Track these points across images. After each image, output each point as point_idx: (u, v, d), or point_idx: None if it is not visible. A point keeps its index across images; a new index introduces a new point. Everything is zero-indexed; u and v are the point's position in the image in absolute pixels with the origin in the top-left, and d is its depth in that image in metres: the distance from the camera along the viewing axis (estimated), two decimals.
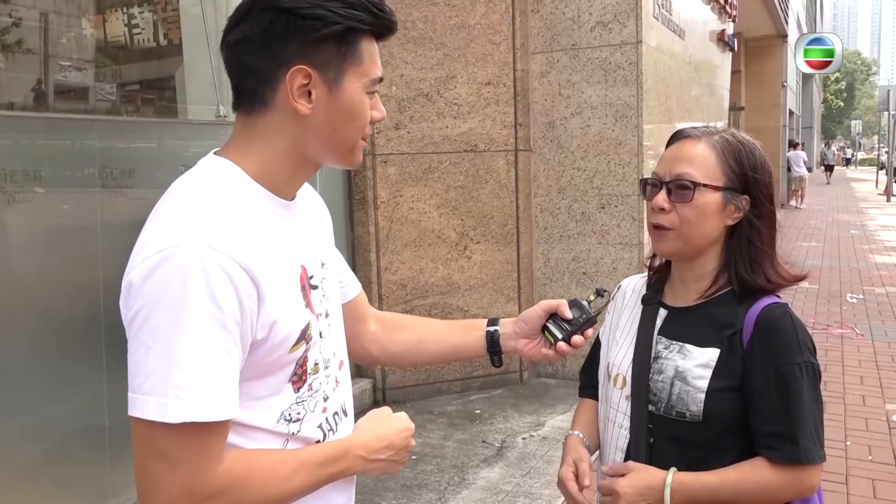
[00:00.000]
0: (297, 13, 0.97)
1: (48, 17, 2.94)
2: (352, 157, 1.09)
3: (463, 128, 4.60)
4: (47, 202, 2.66)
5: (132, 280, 0.92)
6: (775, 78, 18.59)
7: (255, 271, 0.95)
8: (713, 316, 1.33)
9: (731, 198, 1.31)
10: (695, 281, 1.37)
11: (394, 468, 1.17)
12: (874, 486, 3.43)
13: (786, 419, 1.24)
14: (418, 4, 4.47)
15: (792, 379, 1.25)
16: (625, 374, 1.39)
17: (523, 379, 4.88)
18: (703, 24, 6.98)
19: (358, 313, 1.36)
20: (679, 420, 1.29)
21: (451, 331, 1.44)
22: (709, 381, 1.27)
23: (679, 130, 1.40)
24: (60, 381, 2.68)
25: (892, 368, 5.26)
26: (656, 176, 1.35)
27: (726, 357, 1.28)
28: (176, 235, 0.92)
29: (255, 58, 1.00)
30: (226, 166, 1.03)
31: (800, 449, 1.23)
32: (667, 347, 1.34)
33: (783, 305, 1.31)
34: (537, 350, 1.40)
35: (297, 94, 1.00)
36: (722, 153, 1.32)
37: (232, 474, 0.95)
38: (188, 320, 0.89)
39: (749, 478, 1.25)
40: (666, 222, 1.32)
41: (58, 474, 2.69)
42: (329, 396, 1.11)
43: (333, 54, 1.00)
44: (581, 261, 4.86)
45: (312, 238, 1.15)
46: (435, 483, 3.41)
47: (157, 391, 0.89)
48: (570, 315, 1.36)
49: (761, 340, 1.27)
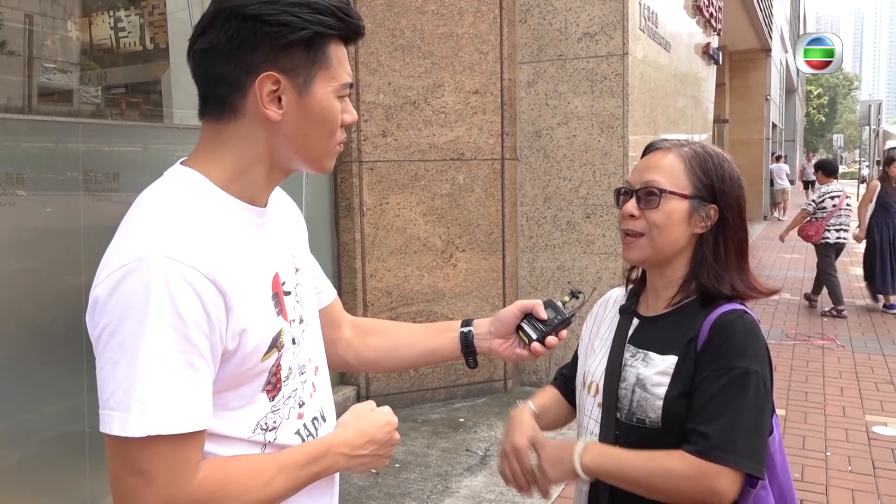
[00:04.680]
0: (263, 20, 0.97)
1: (33, 19, 2.92)
2: (323, 163, 1.08)
3: (450, 136, 4.61)
4: (30, 205, 2.64)
5: (97, 296, 0.92)
6: (759, 91, 18.81)
7: (222, 281, 0.94)
8: (676, 324, 1.34)
9: (698, 206, 1.34)
10: (664, 289, 1.39)
11: (379, 463, 1.16)
12: (854, 497, 3.46)
13: (706, 416, 1.23)
14: (406, 13, 4.49)
15: (729, 381, 1.24)
16: (598, 382, 1.40)
17: (508, 387, 4.88)
18: (689, 36, 7.05)
19: (332, 319, 1.36)
20: (640, 427, 1.30)
21: (426, 334, 1.44)
22: (667, 388, 1.29)
23: (651, 142, 1.44)
24: (40, 387, 2.65)
25: (872, 380, 5.32)
26: (628, 184, 1.39)
27: (682, 364, 1.29)
28: (138, 249, 0.91)
29: (223, 66, 1.00)
30: (191, 176, 1.02)
31: (710, 445, 1.21)
32: (633, 356, 1.36)
33: (739, 311, 1.31)
34: (511, 350, 1.40)
35: (267, 101, 1.00)
36: (689, 163, 1.36)
37: (209, 484, 0.95)
38: (151, 334, 0.89)
39: (658, 460, 1.24)
40: (636, 227, 1.35)
41: (37, 481, 2.65)
42: (305, 402, 1.11)
43: (302, 60, 1.00)
44: (566, 270, 4.87)
45: (285, 244, 1.15)
46: (418, 491, 3.40)
47: (122, 406, 0.89)
48: (545, 316, 1.37)
49: (710, 345, 1.28)
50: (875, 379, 5.34)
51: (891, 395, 4.97)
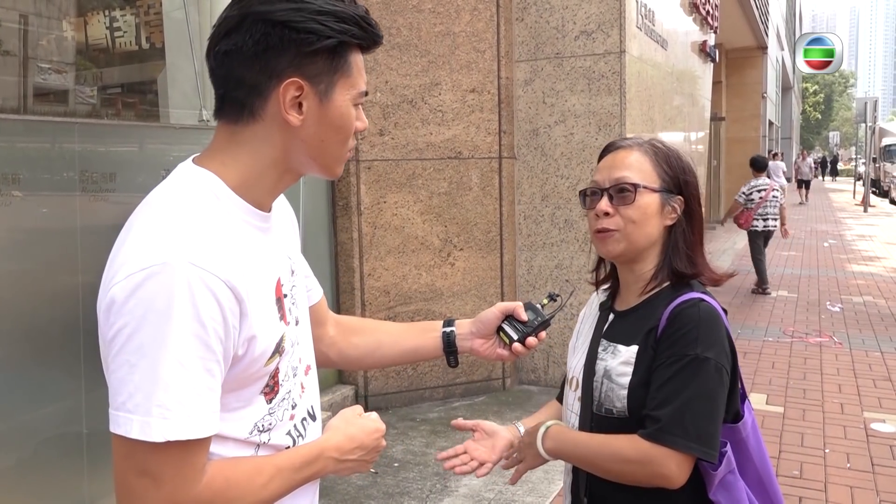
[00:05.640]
0: (291, 27, 0.98)
1: (28, 19, 2.91)
2: (335, 168, 1.10)
3: (447, 135, 4.61)
4: (26, 206, 2.62)
5: (115, 297, 0.91)
6: (755, 89, 18.84)
7: (239, 288, 0.95)
8: (642, 316, 1.38)
9: (667, 199, 1.40)
10: (635, 283, 1.43)
11: (363, 468, 1.19)
12: (852, 494, 3.46)
13: (658, 401, 1.27)
14: (403, 11, 4.48)
15: (677, 368, 1.27)
16: (577, 377, 1.45)
17: (506, 386, 4.88)
18: (686, 34, 7.05)
19: (318, 317, 1.37)
20: (608, 416, 1.35)
21: (409, 333, 1.47)
22: (630, 377, 1.33)
23: (611, 142, 1.49)
24: (38, 388, 2.64)
25: (869, 377, 5.33)
26: (595, 184, 1.43)
27: (643, 353, 1.33)
28: (161, 252, 0.91)
29: (247, 69, 1.00)
30: (207, 177, 1.02)
31: (658, 429, 1.25)
32: (605, 349, 1.40)
33: (696, 300, 1.33)
34: (492, 350, 1.44)
35: (289, 106, 1.00)
36: (655, 158, 1.41)
37: (213, 487, 0.96)
38: (173, 339, 0.89)
39: (611, 444, 1.30)
40: (611, 225, 1.38)
41: (34, 482, 2.64)
42: (297, 403, 1.12)
43: (325, 67, 1.01)
44: (564, 268, 4.87)
45: (284, 247, 1.16)
46: (417, 490, 3.40)
47: (141, 410, 0.89)
48: (526, 317, 1.41)
49: (666, 333, 1.31)
50: (873, 376, 5.35)
51: (889, 391, 4.98)
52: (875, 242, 13.48)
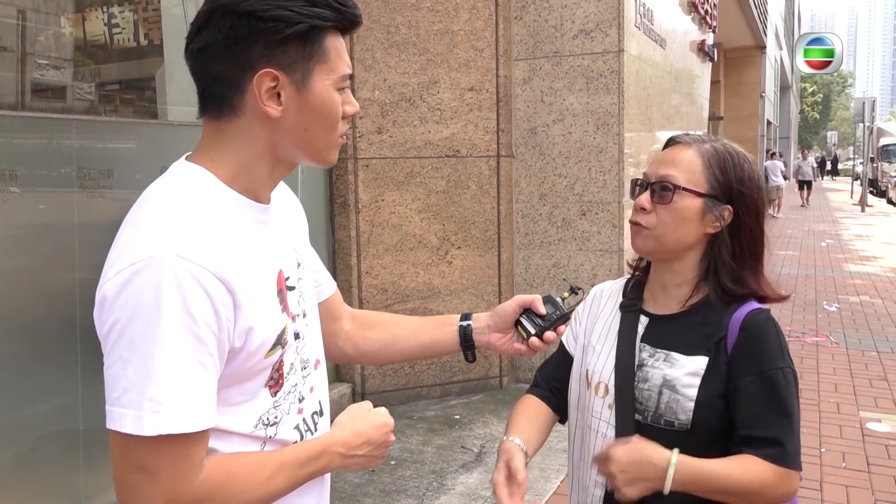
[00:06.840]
0: (258, 16, 0.96)
1: (26, 15, 2.90)
2: (326, 156, 1.08)
3: (445, 133, 4.61)
4: (23, 202, 2.62)
5: (106, 293, 0.92)
6: (754, 88, 18.86)
7: (231, 280, 0.94)
8: (698, 324, 1.33)
9: (712, 206, 1.32)
10: (675, 287, 1.37)
11: (373, 463, 1.17)
12: (848, 493, 3.47)
13: (774, 424, 1.25)
14: (402, 9, 4.48)
15: (777, 383, 1.26)
16: (606, 383, 1.37)
17: (503, 384, 4.89)
18: (684, 34, 7.05)
19: (333, 312, 1.36)
20: (667, 429, 1.28)
21: (425, 327, 1.44)
22: (698, 389, 1.27)
23: (673, 136, 1.41)
24: (34, 384, 2.64)
25: (865, 376, 5.34)
26: (644, 177, 1.37)
27: (713, 364, 1.28)
28: (149, 247, 0.91)
29: (220, 64, 0.99)
30: (198, 172, 1.02)
31: (787, 453, 1.24)
32: (652, 356, 1.33)
33: (767, 311, 1.32)
34: (510, 344, 1.40)
35: (266, 98, 0.99)
36: (708, 161, 1.33)
37: (213, 482, 0.95)
38: (163, 333, 0.89)
39: (750, 471, 1.23)
40: (643, 221, 1.34)
41: (31, 479, 2.64)
42: (305, 397, 1.11)
43: (299, 54, 0.99)
44: (561, 267, 4.88)
45: (288, 239, 1.15)
46: (414, 488, 3.40)
47: (134, 404, 0.89)
48: (544, 311, 1.36)
49: (745, 345, 1.27)
50: (869, 375, 5.36)
51: (885, 391, 4.99)
52: (872, 242, 13.50)
